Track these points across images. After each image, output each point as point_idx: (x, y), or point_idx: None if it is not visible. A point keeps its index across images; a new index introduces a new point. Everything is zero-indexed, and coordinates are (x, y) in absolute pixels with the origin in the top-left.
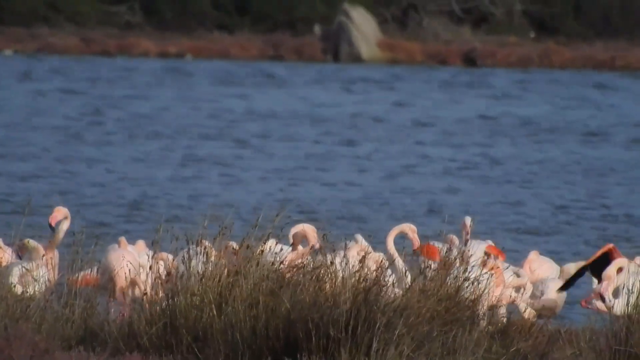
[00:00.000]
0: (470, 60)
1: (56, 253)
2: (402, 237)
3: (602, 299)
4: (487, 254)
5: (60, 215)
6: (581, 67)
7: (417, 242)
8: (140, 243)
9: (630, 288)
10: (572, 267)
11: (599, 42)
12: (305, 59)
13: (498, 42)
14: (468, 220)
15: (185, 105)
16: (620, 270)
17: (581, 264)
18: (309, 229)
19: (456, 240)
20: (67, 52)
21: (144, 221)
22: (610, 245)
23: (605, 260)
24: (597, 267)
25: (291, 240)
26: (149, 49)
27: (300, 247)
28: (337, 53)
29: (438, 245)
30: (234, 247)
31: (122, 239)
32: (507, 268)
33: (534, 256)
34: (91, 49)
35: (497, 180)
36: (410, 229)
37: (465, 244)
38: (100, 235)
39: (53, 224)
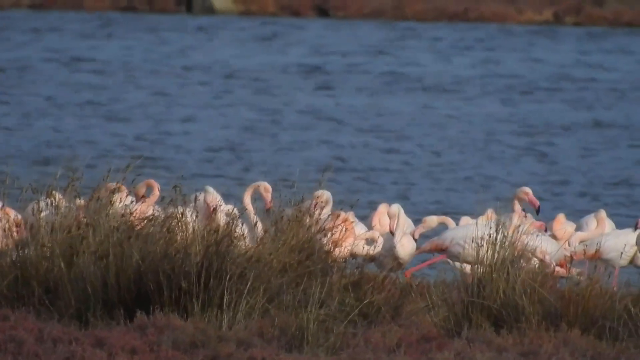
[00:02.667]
0: (322, 11)
1: None
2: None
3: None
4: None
5: None
6: (433, 19)
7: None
8: None
9: (481, 242)
10: (433, 220)
11: None
12: (158, 10)
13: None
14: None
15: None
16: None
17: (443, 218)
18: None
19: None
20: None
21: None
22: None
23: None
24: None
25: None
26: (1, 1)
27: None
28: (189, 4)
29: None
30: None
31: None
32: (357, 221)
33: (382, 209)
34: None
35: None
36: (264, 188)
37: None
38: None
39: None
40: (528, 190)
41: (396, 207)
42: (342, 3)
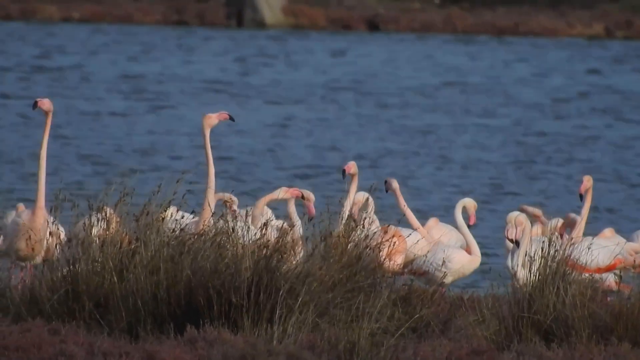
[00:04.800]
0: (373, 25)
1: None
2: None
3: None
4: None
5: None
6: (484, 32)
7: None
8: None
9: (533, 255)
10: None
11: (502, 7)
12: (208, 24)
13: (402, 9)
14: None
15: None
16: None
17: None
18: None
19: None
20: None
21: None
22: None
23: None
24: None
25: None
26: (52, 13)
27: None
28: (240, 18)
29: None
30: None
31: (20, 205)
32: (410, 235)
33: (432, 222)
34: None
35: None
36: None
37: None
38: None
39: None
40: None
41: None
42: (392, 17)
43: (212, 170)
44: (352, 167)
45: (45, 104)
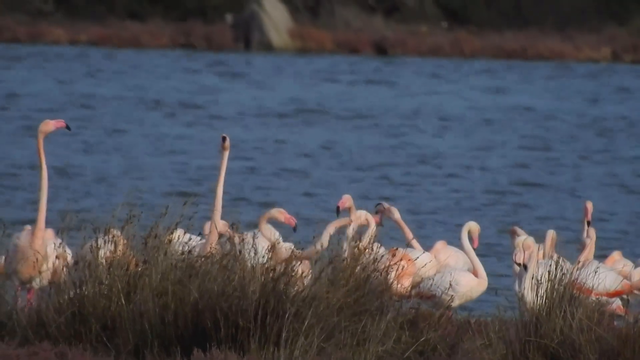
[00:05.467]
0: (381, 48)
1: None
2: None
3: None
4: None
5: None
6: (492, 56)
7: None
8: (49, 231)
9: (539, 279)
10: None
11: (509, 31)
12: (216, 47)
13: (410, 32)
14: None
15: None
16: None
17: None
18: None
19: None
20: None
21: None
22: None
23: None
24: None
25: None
26: (59, 36)
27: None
28: (248, 41)
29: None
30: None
31: (28, 227)
32: (418, 257)
33: (440, 245)
34: (1, 37)
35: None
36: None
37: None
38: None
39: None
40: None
41: None
42: (400, 40)
43: (220, 193)
44: (346, 201)
45: (57, 124)
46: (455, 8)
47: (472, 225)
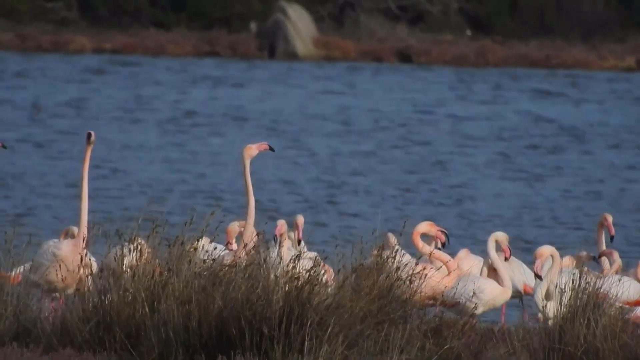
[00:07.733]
0: (405, 57)
1: None
2: None
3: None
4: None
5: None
6: (516, 65)
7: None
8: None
9: (563, 287)
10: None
11: (534, 40)
12: (240, 56)
13: (434, 40)
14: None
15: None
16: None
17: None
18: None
19: (392, 239)
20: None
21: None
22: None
23: None
24: None
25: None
26: (84, 45)
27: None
28: (272, 50)
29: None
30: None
31: (62, 238)
32: (441, 268)
33: (463, 254)
34: (26, 45)
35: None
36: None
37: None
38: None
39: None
40: (609, 216)
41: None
42: (424, 49)
43: (252, 202)
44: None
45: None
46: (480, 17)
47: (499, 235)
